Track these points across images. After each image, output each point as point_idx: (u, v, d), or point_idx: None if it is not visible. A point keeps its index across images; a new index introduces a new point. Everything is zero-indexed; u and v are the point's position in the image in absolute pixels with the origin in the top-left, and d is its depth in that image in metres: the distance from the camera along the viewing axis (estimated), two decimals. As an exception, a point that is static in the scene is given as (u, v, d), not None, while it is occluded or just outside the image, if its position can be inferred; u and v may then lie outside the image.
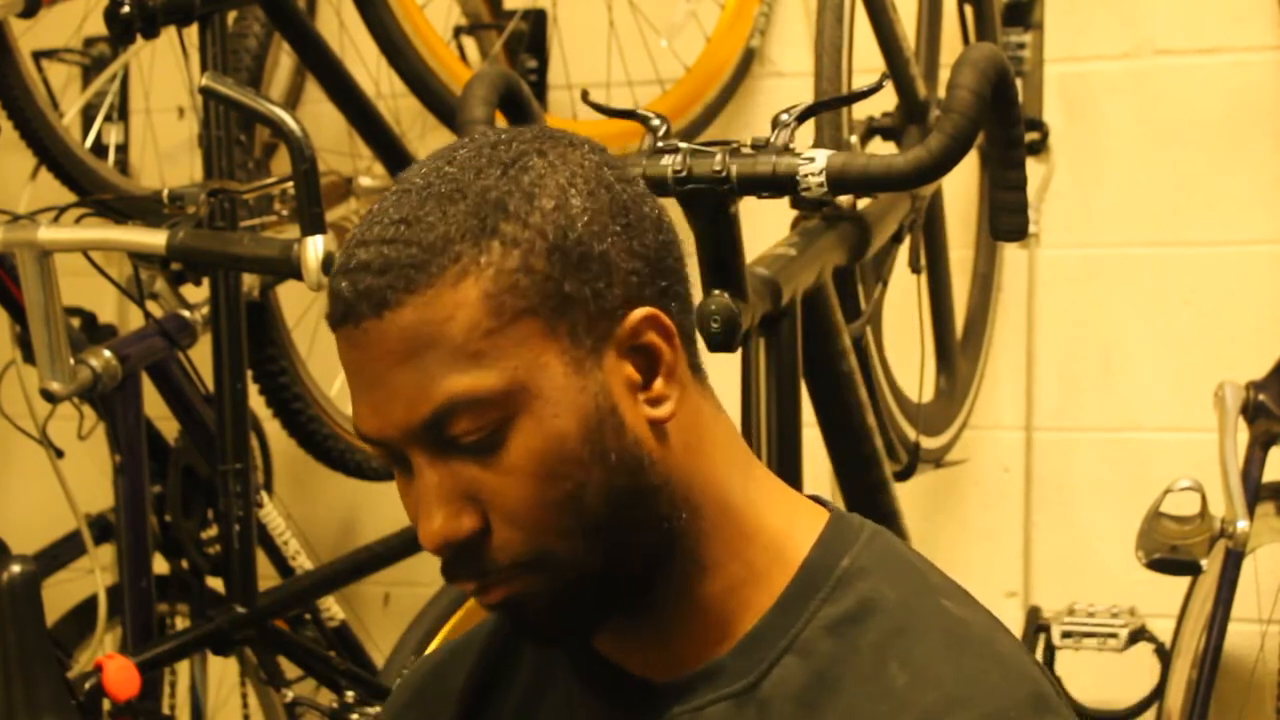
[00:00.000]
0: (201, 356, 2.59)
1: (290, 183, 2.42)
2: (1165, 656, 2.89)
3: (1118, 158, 3.19)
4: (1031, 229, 2.50)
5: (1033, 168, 2.97)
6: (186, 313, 2.67)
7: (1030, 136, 3.10)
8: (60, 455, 2.48)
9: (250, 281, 2.72)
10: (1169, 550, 2.63)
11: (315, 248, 2.13)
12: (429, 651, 1.75)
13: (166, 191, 2.46)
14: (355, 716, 2.57)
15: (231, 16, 2.86)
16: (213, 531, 2.75)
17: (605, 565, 1.29)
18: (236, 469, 2.51)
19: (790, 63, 3.31)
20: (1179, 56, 3.16)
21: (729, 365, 1.88)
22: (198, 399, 2.69)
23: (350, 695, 2.60)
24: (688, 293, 1.35)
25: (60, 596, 2.94)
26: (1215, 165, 3.14)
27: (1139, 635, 2.96)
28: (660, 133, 1.88)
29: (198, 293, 2.69)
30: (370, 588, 3.41)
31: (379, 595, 3.53)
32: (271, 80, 3.32)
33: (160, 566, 2.71)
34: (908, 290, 2.63)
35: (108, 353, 2.49)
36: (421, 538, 1.28)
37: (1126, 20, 3.18)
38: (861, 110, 2.52)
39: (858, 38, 2.38)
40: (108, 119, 3.17)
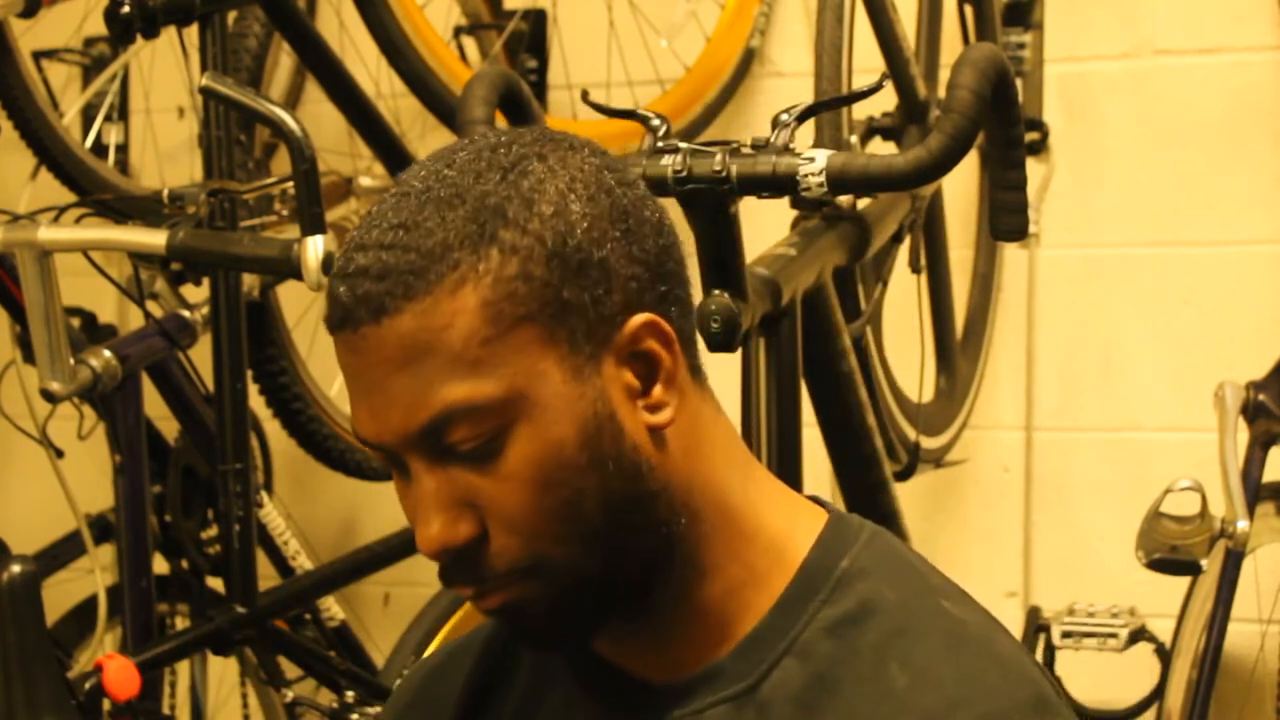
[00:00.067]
0: (201, 356, 2.59)
1: (290, 183, 2.42)
2: (1165, 656, 2.89)
3: (1118, 158, 3.19)
4: (1031, 229, 2.50)
5: (1033, 168, 2.97)
6: (186, 313, 2.67)
7: (1030, 136, 3.10)
8: (60, 455, 2.48)
9: (250, 281, 2.72)
10: (1169, 550, 2.62)
11: (315, 248, 2.13)
12: (428, 654, 1.75)
13: (166, 191, 2.45)
14: (355, 717, 2.57)
15: (231, 16, 2.85)
16: (213, 531, 2.75)
17: (603, 571, 1.29)
18: (236, 469, 2.51)
19: (790, 63, 3.31)
20: (1179, 56, 3.16)
21: (729, 365, 1.88)
22: (198, 399, 2.69)
23: (350, 695, 2.59)
24: (688, 296, 1.34)
25: (60, 596, 2.94)
26: (1215, 165, 3.13)
27: (1139, 635, 2.96)
28: (660, 133, 1.88)
29: (198, 293, 2.69)
30: (370, 588, 3.41)
31: (379, 595, 3.52)
32: (271, 80, 3.32)
33: (160, 566, 2.71)
34: (908, 290, 2.63)
35: (108, 353, 2.49)
36: (419, 543, 1.28)
37: (1126, 20, 3.17)
38: (861, 110, 2.52)
39: (858, 38, 2.37)
40: (108, 119, 3.17)
